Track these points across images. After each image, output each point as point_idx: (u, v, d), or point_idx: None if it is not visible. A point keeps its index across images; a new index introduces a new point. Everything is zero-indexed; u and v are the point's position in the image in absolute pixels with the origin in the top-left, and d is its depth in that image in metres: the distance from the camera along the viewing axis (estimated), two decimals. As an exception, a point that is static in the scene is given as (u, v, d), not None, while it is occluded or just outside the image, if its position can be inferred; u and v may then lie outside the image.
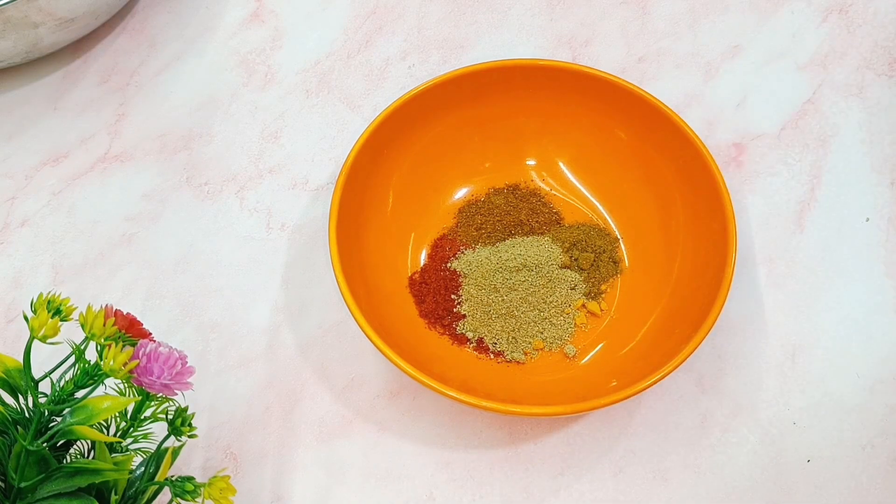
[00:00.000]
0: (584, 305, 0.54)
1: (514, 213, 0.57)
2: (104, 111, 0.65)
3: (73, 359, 0.38)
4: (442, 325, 0.53)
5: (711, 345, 0.53)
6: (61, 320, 0.37)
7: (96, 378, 0.37)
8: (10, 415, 0.37)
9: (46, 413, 0.37)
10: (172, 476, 0.38)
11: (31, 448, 0.36)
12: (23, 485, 0.36)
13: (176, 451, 0.40)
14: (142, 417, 0.40)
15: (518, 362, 0.52)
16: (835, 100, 0.61)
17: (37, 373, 0.38)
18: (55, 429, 0.37)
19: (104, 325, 0.37)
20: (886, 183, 0.58)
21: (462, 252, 0.56)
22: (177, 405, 0.40)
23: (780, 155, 0.59)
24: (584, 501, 0.49)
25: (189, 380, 0.38)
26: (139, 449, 0.40)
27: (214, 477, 0.37)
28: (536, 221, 0.57)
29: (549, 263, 0.54)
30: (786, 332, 0.53)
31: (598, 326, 0.53)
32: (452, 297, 0.54)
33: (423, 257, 0.56)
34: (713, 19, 0.66)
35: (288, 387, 0.53)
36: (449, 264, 0.55)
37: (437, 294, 0.54)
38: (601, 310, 0.54)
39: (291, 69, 0.66)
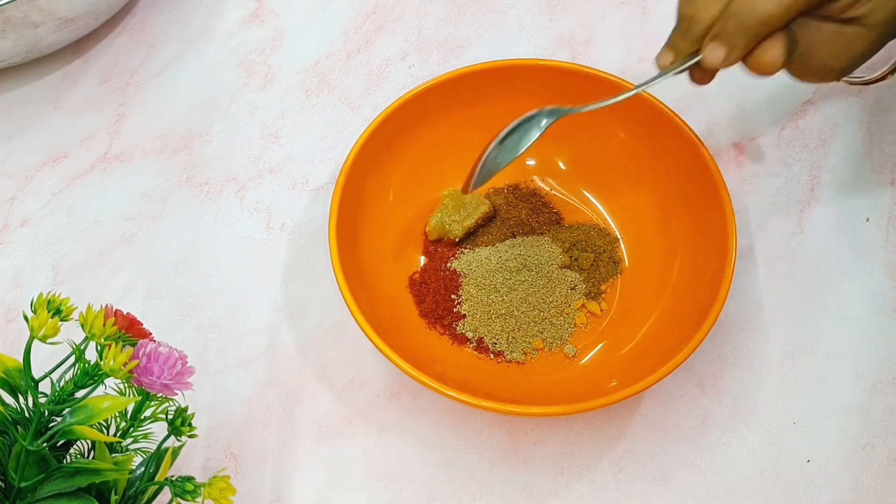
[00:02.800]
0: (584, 305, 0.54)
1: (514, 213, 0.57)
2: (104, 111, 0.65)
3: (73, 359, 0.38)
4: (442, 325, 0.53)
5: (711, 345, 0.53)
6: (61, 320, 0.37)
7: (96, 378, 0.37)
8: (10, 415, 0.37)
9: (46, 413, 0.37)
10: (172, 476, 0.38)
11: (31, 448, 0.36)
12: (23, 485, 0.36)
13: (176, 451, 0.40)
14: (142, 417, 0.40)
15: (518, 362, 0.52)
16: (835, 100, 0.61)
17: (37, 373, 0.38)
18: (55, 429, 0.37)
19: (104, 325, 0.37)
20: (886, 183, 0.58)
21: (462, 252, 0.56)
22: (177, 405, 0.40)
23: (780, 155, 0.59)
24: (584, 501, 0.49)
25: (189, 380, 0.38)
26: (139, 449, 0.40)
27: (214, 477, 0.37)
28: (536, 221, 0.57)
29: (549, 263, 0.54)
30: (786, 332, 0.53)
31: (598, 326, 0.53)
32: (452, 297, 0.54)
33: (422, 257, 0.56)
34: (713, 19, 0.66)
35: (288, 387, 0.53)
36: (449, 264, 0.55)
37: (437, 294, 0.54)
38: (601, 310, 0.54)
39: (291, 69, 0.66)
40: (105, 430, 0.40)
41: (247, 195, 0.60)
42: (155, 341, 0.38)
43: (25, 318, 0.37)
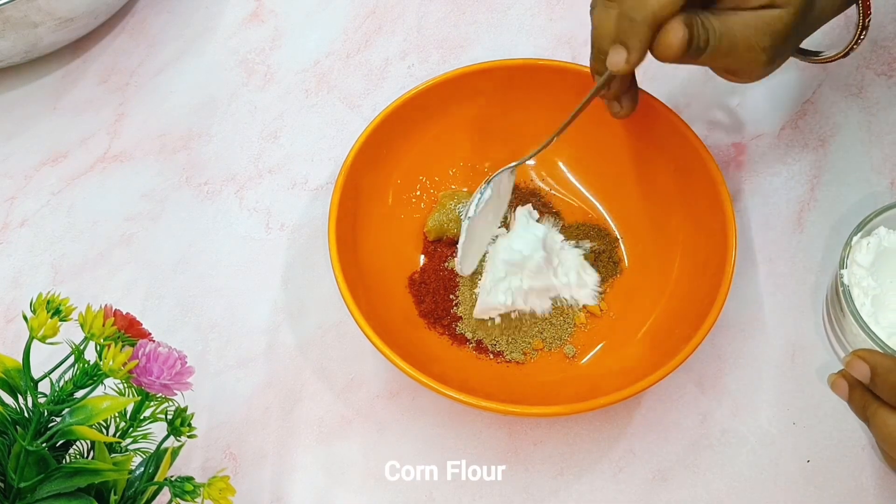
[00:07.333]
0: (584, 305, 0.54)
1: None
2: (104, 111, 0.65)
3: (72, 359, 0.38)
4: (441, 325, 0.53)
5: (711, 345, 0.53)
6: (61, 320, 0.37)
7: (96, 378, 0.37)
8: (10, 415, 0.37)
9: (46, 413, 0.37)
10: (172, 476, 0.38)
11: (30, 448, 0.36)
12: (23, 485, 0.36)
13: (175, 451, 0.40)
14: (141, 417, 0.40)
15: (517, 362, 0.52)
16: (835, 100, 0.61)
17: (37, 373, 0.38)
18: (55, 429, 0.37)
19: (104, 325, 0.37)
20: (886, 183, 0.58)
21: (462, 252, 0.56)
22: (176, 405, 0.40)
23: (780, 155, 0.59)
24: (584, 501, 0.49)
25: (188, 380, 0.38)
26: (139, 449, 0.40)
27: (214, 477, 0.37)
28: (536, 221, 0.57)
29: (549, 263, 0.54)
30: (786, 332, 0.53)
31: (598, 326, 0.53)
32: (451, 297, 0.54)
33: (422, 257, 0.56)
34: (713, 19, 0.66)
35: (288, 387, 0.53)
36: (448, 264, 0.55)
37: (436, 294, 0.54)
38: (601, 310, 0.54)
39: (291, 69, 0.66)
40: (104, 431, 0.40)
41: (246, 195, 0.60)
42: (154, 341, 0.38)
43: (25, 318, 0.37)
